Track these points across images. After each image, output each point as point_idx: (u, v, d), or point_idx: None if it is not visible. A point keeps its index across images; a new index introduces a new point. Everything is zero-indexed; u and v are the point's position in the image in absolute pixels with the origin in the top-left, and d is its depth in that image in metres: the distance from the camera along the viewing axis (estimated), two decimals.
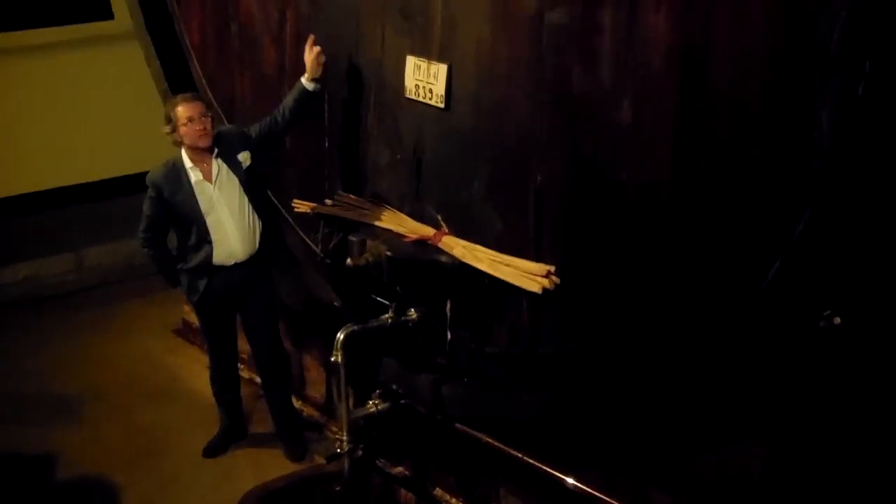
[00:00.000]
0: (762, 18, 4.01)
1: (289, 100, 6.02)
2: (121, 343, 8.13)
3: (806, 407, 4.51)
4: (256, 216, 6.21)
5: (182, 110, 5.99)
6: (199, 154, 6.06)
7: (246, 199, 6.13)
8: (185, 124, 5.97)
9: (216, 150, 6.08)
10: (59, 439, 6.81)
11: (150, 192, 6.20)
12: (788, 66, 3.98)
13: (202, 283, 6.24)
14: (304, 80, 5.93)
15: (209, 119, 6.04)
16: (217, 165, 6.07)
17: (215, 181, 6.06)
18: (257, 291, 6.34)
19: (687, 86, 4.30)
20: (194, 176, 6.06)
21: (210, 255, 6.16)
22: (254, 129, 6.12)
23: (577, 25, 4.71)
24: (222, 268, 6.20)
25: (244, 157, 6.10)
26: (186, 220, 6.13)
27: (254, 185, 6.17)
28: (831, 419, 4.49)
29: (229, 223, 6.10)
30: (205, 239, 6.13)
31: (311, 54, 5.89)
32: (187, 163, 6.07)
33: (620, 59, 4.53)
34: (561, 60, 4.81)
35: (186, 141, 6.01)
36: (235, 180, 6.11)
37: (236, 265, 6.21)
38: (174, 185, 6.12)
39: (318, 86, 5.95)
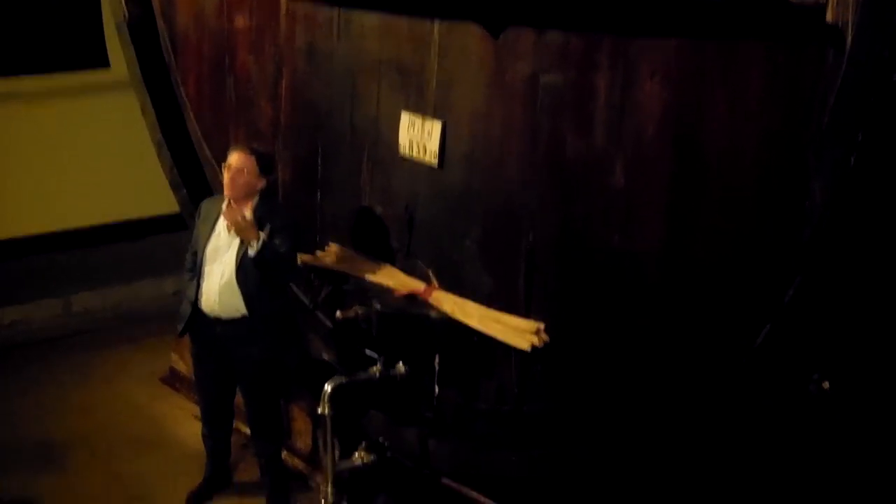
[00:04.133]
0: (757, 89, 4.11)
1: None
2: (107, 390, 8.08)
3: (794, 470, 4.56)
4: (248, 288, 6.03)
5: (229, 155, 5.98)
6: (236, 203, 5.98)
7: (235, 269, 6.01)
8: (223, 170, 5.98)
9: (253, 210, 5.97)
10: (41, 486, 6.73)
11: (196, 214, 6.32)
12: (781, 137, 4.08)
13: (186, 315, 6.23)
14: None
15: (243, 174, 5.90)
16: (248, 213, 5.94)
17: (231, 236, 6.05)
18: (247, 353, 6.18)
19: (680, 153, 4.39)
20: (223, 220, 6.06)
21: (196, 294, 6.16)
22: (283, 234, 5.98)
23: (571, 89, 4.80)
24: (205, 314, 6.18)
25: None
26: (196, 251, 6.18)
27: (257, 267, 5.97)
28: (820, 482, 4.53)
29: (218, 277, 6.06)
30: (200, 276, 6.13)
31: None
32: (226, 205, 6.03)
33: (614, 125, 4.61)
34: (555, 123, 4.89)
35: None
36: (237, 248, 6.02)
37: (218, 320, 6.17)
38: (207, 215, 6.16)
39: (259, 244, 5.82)
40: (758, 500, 4.75)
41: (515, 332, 5.17)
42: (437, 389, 5.65)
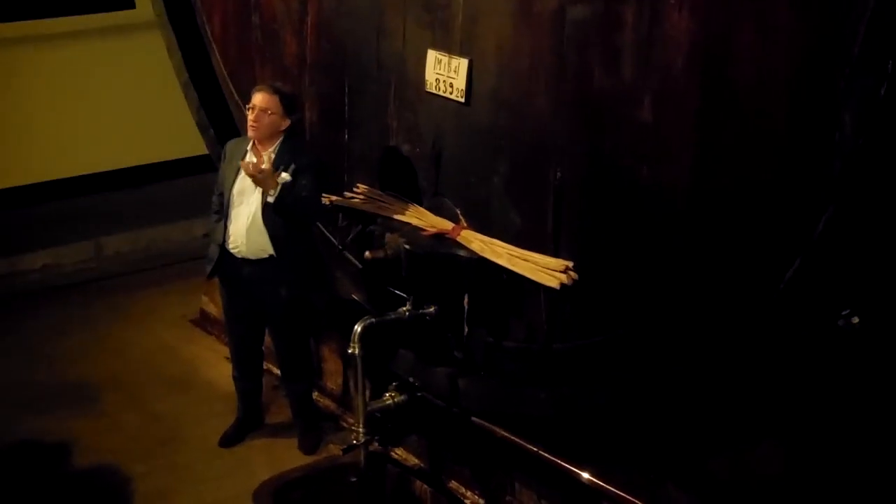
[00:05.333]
0: (786, 19, 4.00)
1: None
2: (138, 332, 8.14)
3: (821, 407, 4.51)
4: (275, 230, 6.05)
5: (253, 96, 5.99)
6: (260, 144, 6.03)
7: (260, 209, 6.02)
8: (247, 110, 5.98)
9: (277, 151, 6.01)
10: (75, 427, 6.82)
11: (221, 155, 6.33)
12: (811, 67, 3.97)
13: (214, 257, 6.24)
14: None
15: (267, 115, 5.93)
16: (266, 164, 5.93)
17: None
18: (275, 293, 6.22)
19: (708, 85, 4.29)
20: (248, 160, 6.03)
21: (224, 236, 6.16)
22: (307, 175, 6.00)
23: (599, 22, 4.71)
24: (232, 255, 6.18)
25: (280, 178, 5.90)
26: (223, 192, 6.18)
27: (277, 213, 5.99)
28: (847, 420, 4.48)
29: (245, 219, 6.05)
30: (227, 218, 6.13)
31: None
32: (251, 146, 6.07)
33: (642, 57, 4.52)
34: (582, 57, 4.81)
35: None
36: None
37: (245, 260, 6.17)
38: (233, 156, 6.17)
39: (276, 191, 5.85)
40: (783, 434, 4.73)
41: (544, 270, 5.12)
42: (466, 329, 5.63)
